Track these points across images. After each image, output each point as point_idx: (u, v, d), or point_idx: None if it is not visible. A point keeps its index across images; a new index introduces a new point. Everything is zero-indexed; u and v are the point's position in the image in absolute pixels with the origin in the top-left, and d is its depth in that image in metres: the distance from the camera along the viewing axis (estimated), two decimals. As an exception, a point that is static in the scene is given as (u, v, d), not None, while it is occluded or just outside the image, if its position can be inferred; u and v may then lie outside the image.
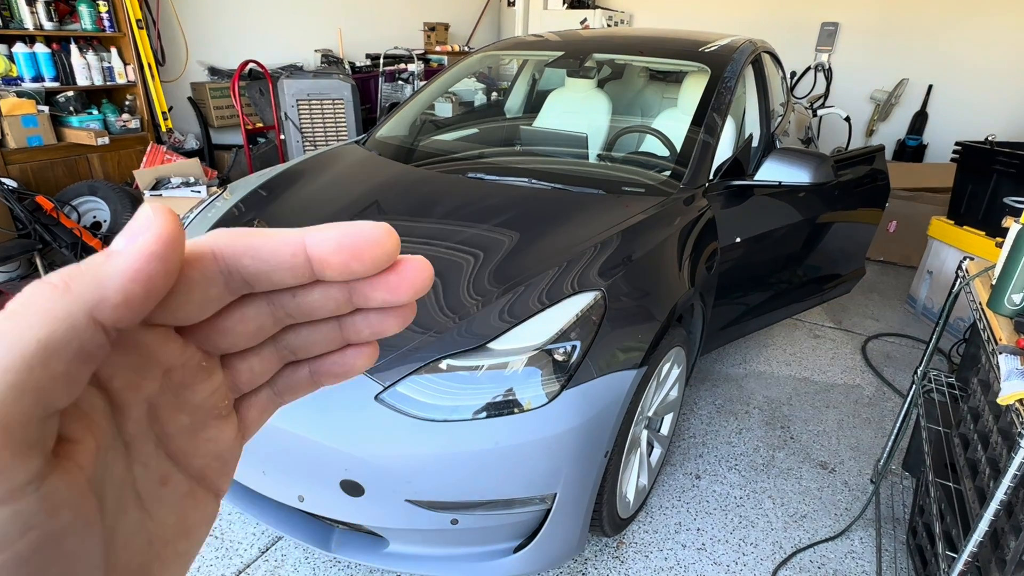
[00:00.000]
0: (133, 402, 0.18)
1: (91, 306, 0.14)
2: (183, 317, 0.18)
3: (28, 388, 0.13)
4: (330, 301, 0.20)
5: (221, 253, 0.18)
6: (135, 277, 0.14)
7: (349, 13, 5.49)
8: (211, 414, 0.20)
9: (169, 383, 0.19)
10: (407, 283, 0.20)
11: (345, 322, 0.21)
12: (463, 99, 4.31)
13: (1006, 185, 2.71)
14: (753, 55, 2.51)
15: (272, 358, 0.22)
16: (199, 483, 0.21)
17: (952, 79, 5.63)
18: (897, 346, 3.00)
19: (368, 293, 0.20)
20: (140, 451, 0.18)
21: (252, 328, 0.20)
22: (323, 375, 0.23)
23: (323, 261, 0.18)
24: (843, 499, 1.97)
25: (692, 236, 1.80)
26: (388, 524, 1.33)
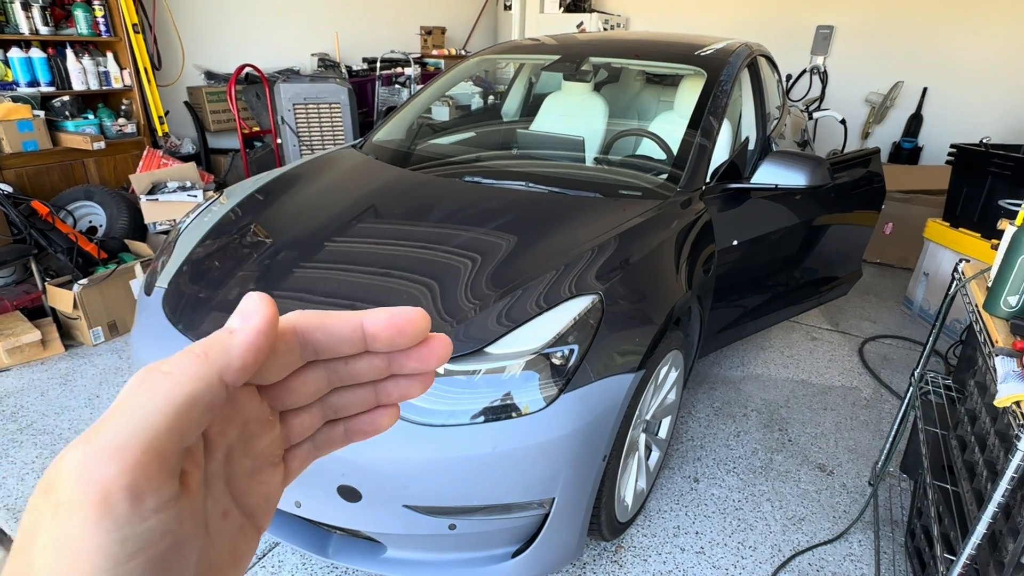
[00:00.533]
0: (219, 447, 0.22)
1: (220, 370, 0.19)
2: (268, 378, 0.23)
3: (176, 429, 0.17)
4: (373, 369, 0.25)
5: (301, 328, 0.23)
6: (250, 349, 0.20)
7: (346, 17, 5.50)
8: (268, 461, 0.24)
9: (244, 432, 0.23)
10: (434, 355, 0.25)
11: (379, 387, 0.26)
12: (460, 103, 4.32)
13: (1001, 187, 2.72)
14: (749, 58, 2.52)
15: (318, 415, 0.26)
16: (249, 520, 0.24)
17: (947, 82, 5.66)
18: (894, 348, 3.01)
19: (404, 362, 0.25)
20: (214, 488, 0.22)
21: (311, 389, 0.25)
22: (355, 433, 0.28)
23: (375, 336, 0.24)
24: (841, 501, 1.97)
25: (689, 239, 1.81)
26: (385, 529, 1.33)
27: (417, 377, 0.26)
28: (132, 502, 0.16)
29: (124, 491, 0.16)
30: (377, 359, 0.25)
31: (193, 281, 1.62)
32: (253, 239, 1.74)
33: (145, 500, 0.16)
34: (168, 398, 0.17)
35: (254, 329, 0.20)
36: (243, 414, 0.23)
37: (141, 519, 0.16)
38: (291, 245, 1.66)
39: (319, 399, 0.26)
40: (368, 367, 0.25)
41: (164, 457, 0.17)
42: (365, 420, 0.27)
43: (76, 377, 2.47)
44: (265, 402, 0.24)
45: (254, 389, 0.23)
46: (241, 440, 0.23)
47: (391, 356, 0.25)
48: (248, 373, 0.20)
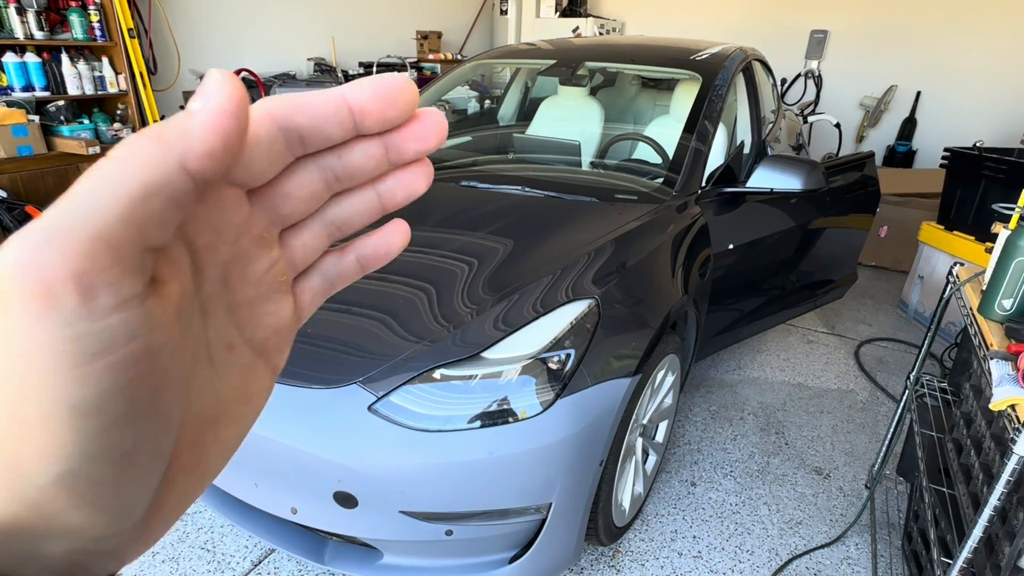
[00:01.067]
0: (211, 264, 0.20)
1: (180, 156, 0.16)
2: (255, 174, 0.20)
3: (133, 221, 0.15)
4: (370, 159, 0.22)
5: (277, 113, 0.20)
6: (215, 131, 0.16)
7: (342, 22, 5.51)
8: (272, 288, 0.22)
9: (238, 251, 0.21)
10: (432, 130, 0.22)
11: (381, 188, 0.23)
12: (456, 107, 4.32)
13: (995, 190, 2.74)
14: (744, 63, 2.53)
15: (320, 233, 0.23)
16: (259, 356, 0.23)
17: (940, 85, 5.70)
18: (890, 351, 3.01)
19: (401, 145, 0.22)
20: (214, 315, 0.20)
21: (307, 192, 0.22)
22: (367, 258, 0.25)
23: (362, 110, 0.20)
24: (838, 505, 1.98)
25: (685, 243, 1.81)
26: (382, 536, 1.32)
27: (419, 167, 0.23)
28: (80, 294, 0.14)
29: (69, 281, 0.14)
30: (372, 146, 0.22)
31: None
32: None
33: (97, 293, 0.14)
34: (118, 184, 0.14)
35: (217, 108, 0.16)
36: (232, 224, 0.20)
37: (95, 316, 0.14)
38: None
39: (319, 213, 0.23)
40: (364, 158, 0.22)
41: (118, 249, 0.14)
42: (375, 241, 0.25)
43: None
44: (258, 213, 0.21)
45: (241, 194, 0.20)
46: (237, 261, 0.21)
47: (387, 140, 0.22)
48: (216, 162, 0.16)
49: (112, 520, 0.17)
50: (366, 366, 1.30)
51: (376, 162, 0.22)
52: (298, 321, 0.24)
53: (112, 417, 0.15)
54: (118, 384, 0.15)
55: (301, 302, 0.24)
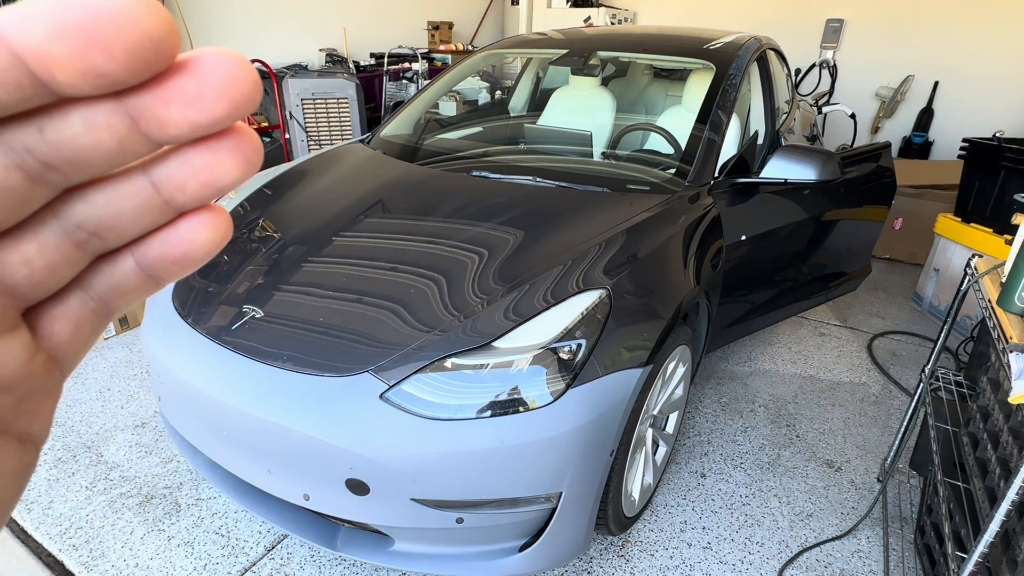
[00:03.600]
0: None
1: None
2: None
3: None
4: (103, 133, 0.14)
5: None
6: None
7: (353, 13, 5.49)
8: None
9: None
10: (212, 88, 0.14)
11: (158, 175, 0.16)
12: (467, 98, 4.31)
13: (1014, 182, 2.69)
14: (758, 52, 2.50)
15: (59, 243, 0.16)
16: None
17: (958, 76, 5.59)
18: (903, 344, 2.98)
19: (159, 112, 0.14)
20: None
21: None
22: (154, 263, 0.17)
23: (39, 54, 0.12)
24: (850, 498, 1.96)
25: (697, 234, 1.79)
26: (393, 523, 1.33)
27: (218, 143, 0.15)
28: None
29: None
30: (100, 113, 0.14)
31: (203, 275, 1.63)
32: (262, 234, 1.74)
33: None
34: None
35: None
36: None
37: None
38: (299, 240, 1.66)
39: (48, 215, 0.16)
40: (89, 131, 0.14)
41: None
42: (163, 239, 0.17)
43: (87, 370, 2.49)
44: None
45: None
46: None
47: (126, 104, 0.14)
48: None
49: None
50: (378, 355, 1.31)
51: (118, 140, 0.14)
52: (55, 363, 0.18)
53: None
54: None
55: (57, 336, 0.17)
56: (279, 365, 1.31)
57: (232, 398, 1.32)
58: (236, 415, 1.32)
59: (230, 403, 1.32)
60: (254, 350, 1.35)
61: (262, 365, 1.32)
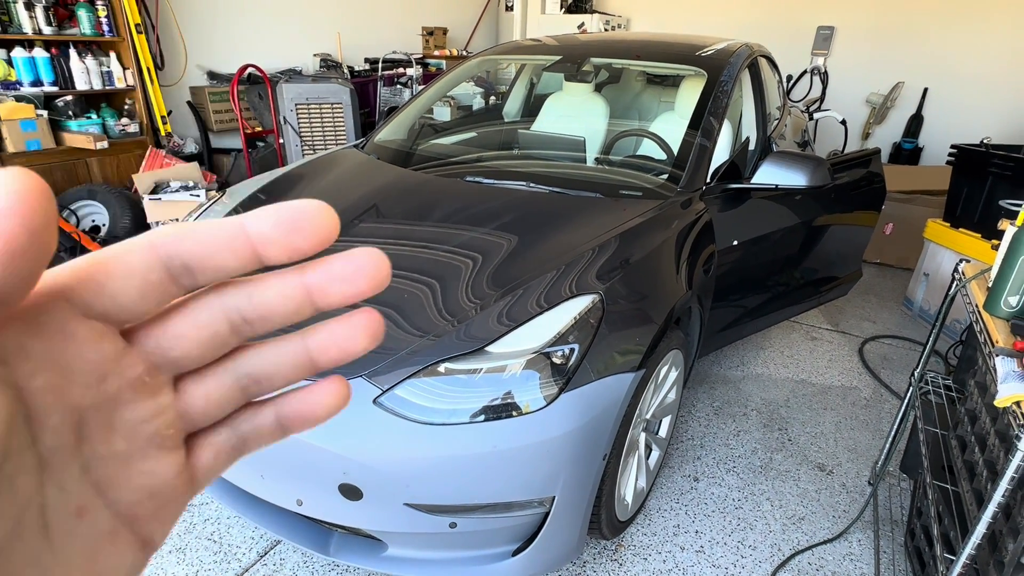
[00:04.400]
0: (54, 409, 0.16)
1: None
2: (126, 308, 0.17)
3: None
4: (288, 300, 0.19)
5: (160, 241, 0.17)
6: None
7: (348, 18, 5.51)
8: (152, 441, 0.19)
9: (104, 396, 0.17)
10: (361, 272, 0.19)
11: (310, 339, 0.20)
12: (461, 103, 4.33)
13: (1002, 188, 2.72)
14: (749, 59, 2.53)
15: (231, 386, 0.20)
16: (125, 525, 0.18)
17: (947, 82, 5.65)
18: (894, 348, 3.01)
19: (325, 286, 0.19)
20: (59, 472, 0.17)
21: (206, 335, 0.19)
22: (289, 417, 0.21)
23: (263, 236, 0.18)
24: (841, 501, 1.98)
25: (689, 239, 1.81)
26: (387, 528, 1.34)
27: (359, 318, 0.20)
28: None
29: None
30: (290, 284, 0.19)
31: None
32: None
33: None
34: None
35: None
36: (89, 363, 0.17)
37: None
38: (293, 244, 1.66)
39: (228, 361, 0.20)
40: (280, 299, 0.19)
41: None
42: (300, 399, 0.21)
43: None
44: (135, 353, 0.18)
45: (106, 330, 0.17)
46: (102, 408, 0.17)
47: (308, 281, 0.19)
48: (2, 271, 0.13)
49: None
50: (371, 360, 1.31)
51: (296, 305, 0.19)
52: (191, 485, 0.20)
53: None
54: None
55: (199, 461, 0.20)
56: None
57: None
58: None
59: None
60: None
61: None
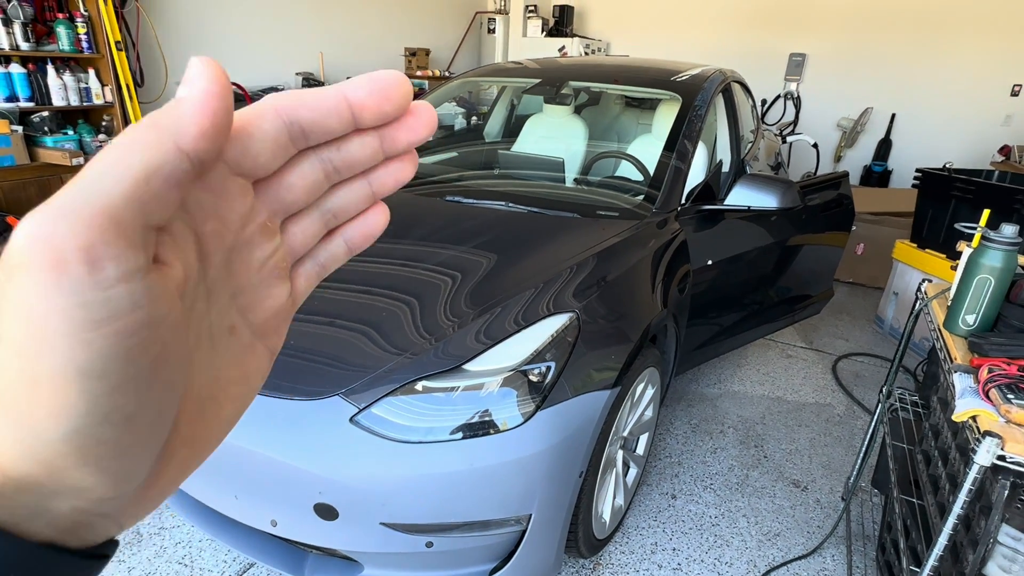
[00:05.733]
0: (217, 250, 0.21)
1: (175, 137, 0.17)
2: (261, 165, 0.21)
3: (135, 199, 0.16)
4: (367, 150, 0.23)
5: (282, 108, 0.21)
6: (204, 113, 0.17)
7: (331, 37, 5.56)
8: (273, 273, 0.24)
9: (243, 239, 0.22)
10: (422, 123, 0.24)
11: (373, 177, 0.25)
12: (443, 123, 4.37)
13: (963, 210, 2.83)
14: (723, 84, 2.61)
15: (318, 222, 0.25)
16: (258, 337, 0.24)
17: (914, 108, 5.88)
18: (866, 365, 3.08)
19: (395, 136, 0.23)
20: (218, 300, 0.22)
21: (308, 182, 0.23)
22: (353, 240, 0.26)
23: (361, 104, 0.22)
24: (815, 517, 2.01)
25: (665, 258, 1.85)
26: (362, 548, 1.32)
27: (407, 155, 0.25)
28: (88, 265, 0.15)
29: (79, 252, 0.15)
30: (369, 137, 0.23)
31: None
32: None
33: (103, 266, 0.15)
34: (122, 167, 0.16)
35: (203, 90, 0.18)
36: (238, 212, 0.21)
37: (102, 286, 0.15)
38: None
39: (317, 202, 0.24)
40: (361, 149, 0.23)
41: (123, 225, 0.16)
42: (360, 224, 0.26)
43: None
44: (261, 204, 0.22)
45: (247, 185, 0.21)
46: (242, 248, 0.22)
47: (382, 132, 0.23)
48: (209, 141, 0.17)
49: (114, 481, 0.18)
50: (348, 378, 1.31)
51: (372, 152, 0.23)
52: (294, 305, 0.26)
53: (115, 381, 0.16)
54: (121, 350, 0.16)
55: (297, 286, 0.26)
56: (248, 389, 1.30)
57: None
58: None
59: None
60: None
61: (231, 389, 1.31)
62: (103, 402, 0.16)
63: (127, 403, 0.17)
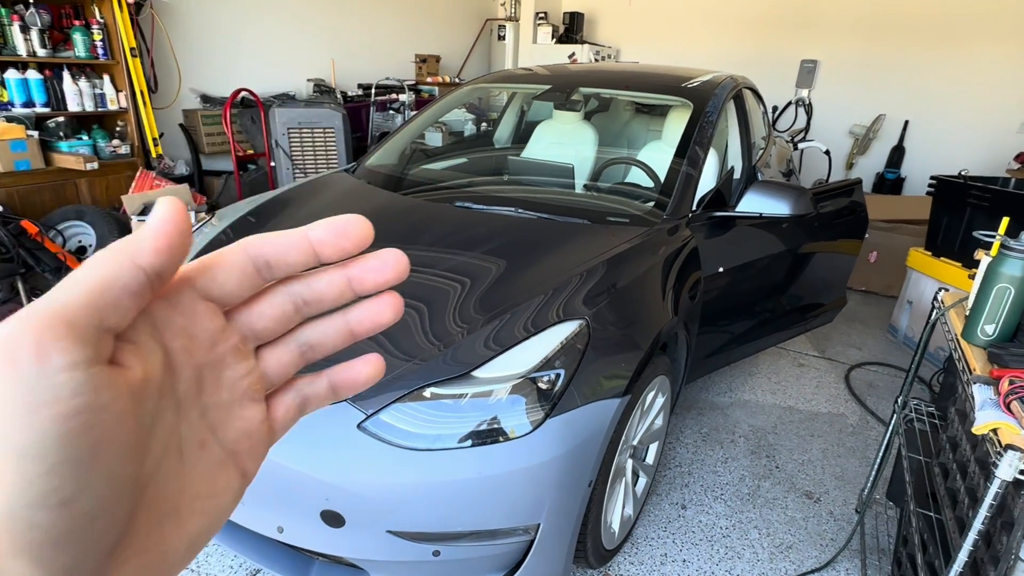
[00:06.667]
0: (186, 365, 0.23)
1: (133, 255, 0.20)
2: (228, 293, 0.23)
3: (90, 305, 0.18)
4: (334, 287, 0.25)
5: (250, 243, 0.24)
6: (158, 235, 0.20)
7: (343, 44, 5.60)
8: (246, 395, 0.25)
9: (215, 358, 0.24)
10: (388, 266, 0.26)
11: (350, 316, 0.27)
12: (453, 129, 4.39)
13: (979, 218, 2.79)
14: (734, 91, 2.59)
15: (294, 351, 0.27)
16: (230, 456, 0.25)
17: (928, 115, 5.82)
18: (880, 375, 3.03)
19: (362, 277, 0.25)
20: (187, 414, 0.23)
21: (279, 312, 0.25)
22: (337, 382, 0.28)
23: (321, 242, 0.24)
24: (828, 529, 1.97)
25: (676, 265, 1.83)
26: (369, 556, 1.31)
27: (385, 298, 0.27)
28: (36, 356, 0.17)
29: (29, 346, 0.17)
30: (336, 275, 0.25)
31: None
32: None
33: (51, 357, 0.17)
34: (85, 279, 0.19)
35: (160, 218, 0.20)
36: (206, 332, 0.23)
37: (47, 374, 0.17)
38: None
39: (291, 333, 0.26)
40: (328, 285, 0.25)
41: (74, 324, 0.18)
42: (347, 368, 0.28)
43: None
44: (232, 327, 0.24)
45: (216, 309, 0.24)
46: (214, 366, 0.24)
47: (349, 272, 0.25)
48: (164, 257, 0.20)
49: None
50: (357, 384, 1.30)
51: (340, 290, 0.25)
52: (271, 433, 0.27)
53: (51, 463, 0.17)
54: (58, 432, 0.17)
55: (275, 415, 0.27)
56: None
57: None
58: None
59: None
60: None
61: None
62: (38, 483, 0.17)
63: (63, 486, 0.17)
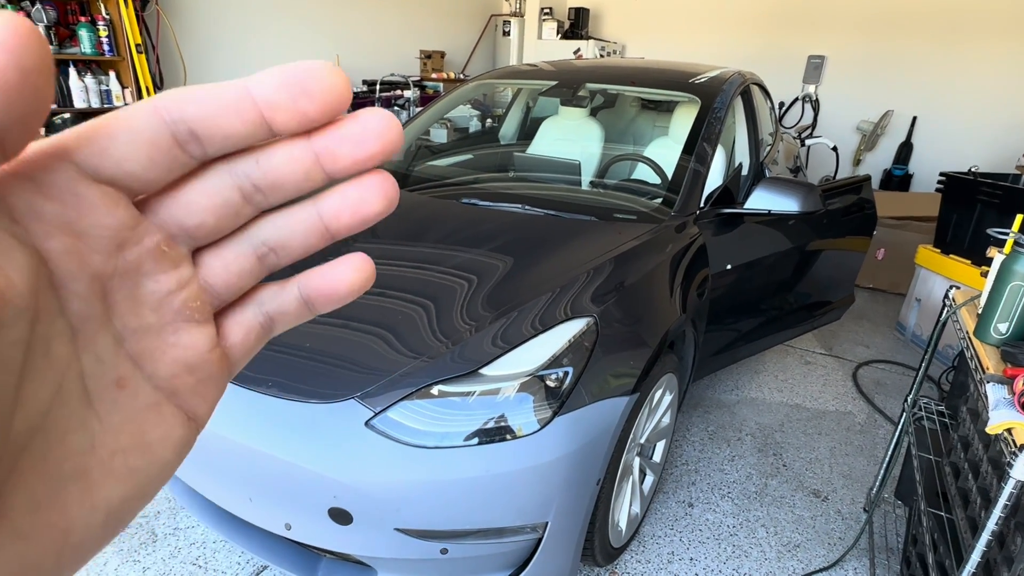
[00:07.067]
0: (76, 275, 0.17)
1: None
2: (132, 171, 0.17)
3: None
4: (296, 164, 0.18)
5: (163, 104, 0.17)
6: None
7: (347, 39, 5.59)
8: (180, 314, 0.19)
9: (124, 265, 0.17)
10: (371, 132, 0.18)
11: (323, 206, 0.20)
12: (458, 125, 4.37)
13: (990, 215, 2.76)
14: (742, 87, 2.57)
15: (249, 255, 0.20)
16: (167, 398, 0.19)
17: (936, 111, 5.77)
18: (888, 373, 3.01)
19: (334, 148, 0.18)
20: (92, 341, 0.17)
21: (218, 202, 0.18)
22: (311, 293, 0.21)
23: (269, 101, 0.17)
24: (836, 528, 1.96)
25: (683, 263, 1.82)
26: (376, 553, 1.31)
27: (370, 179, 0.19)
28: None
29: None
30: (297, 149, 0.18)
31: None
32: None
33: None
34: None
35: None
36: (104, 228, 0.17)
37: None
38: (288, 264, 1.66)
39: (244, 231, 0.20)
40: (289, 164, 0.18)
41: None
42: (322, 273, 0.21)
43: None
44: (150, 222, 0.18)
45: (118, 195, 0.17)
46: (124, 277, 0.18)
47: (316, 144, 0.18)
48: None
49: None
50: (364, 381, 1.30)
51: (305, 169, 0.18)
52: (226, 363, 0.21)
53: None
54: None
55: (231, 338, 0.21)
56: (263, 391, 1.30)
57: (214, 424, 1.30)
58: (218, 442, 1.31)
59: (212, 429, 1.30)
60: (238, 376, 1.34)
61: (246, 391, 1.31)
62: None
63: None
